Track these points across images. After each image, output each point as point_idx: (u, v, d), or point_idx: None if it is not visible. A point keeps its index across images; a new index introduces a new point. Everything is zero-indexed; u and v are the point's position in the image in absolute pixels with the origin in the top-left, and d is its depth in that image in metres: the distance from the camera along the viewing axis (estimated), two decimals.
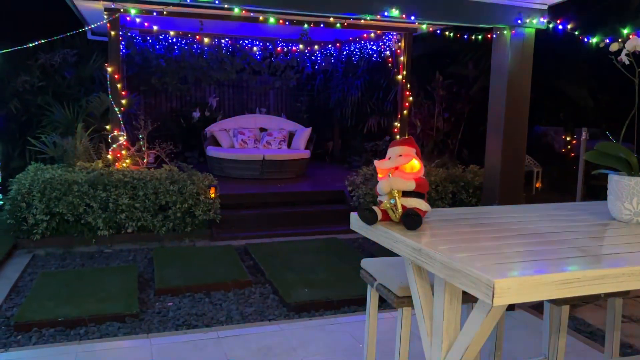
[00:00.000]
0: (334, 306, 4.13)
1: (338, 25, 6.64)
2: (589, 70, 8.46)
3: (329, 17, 4.97)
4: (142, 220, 5.81)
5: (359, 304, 4.10)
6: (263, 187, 7.52)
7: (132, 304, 3.95)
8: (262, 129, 9.42)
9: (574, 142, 9.59)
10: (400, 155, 1.90)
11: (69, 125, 7.38)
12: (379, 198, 1.95)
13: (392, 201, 1.86)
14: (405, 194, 1.87)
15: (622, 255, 1.63)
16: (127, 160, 6.53)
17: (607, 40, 4.11)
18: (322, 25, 6.80)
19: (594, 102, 8.62)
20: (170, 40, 8.85)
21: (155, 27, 7.81)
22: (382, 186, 1.87)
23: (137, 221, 5.80)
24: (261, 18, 5.51)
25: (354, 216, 2.03)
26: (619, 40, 2.17)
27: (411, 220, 1.79)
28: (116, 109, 6.50)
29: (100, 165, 6.22)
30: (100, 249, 5.61)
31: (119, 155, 6.46)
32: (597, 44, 4.17)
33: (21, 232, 5.55)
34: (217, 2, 3.60)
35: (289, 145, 9.03)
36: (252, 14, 4.82)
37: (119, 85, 6.50)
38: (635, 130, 2.09)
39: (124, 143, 6.58)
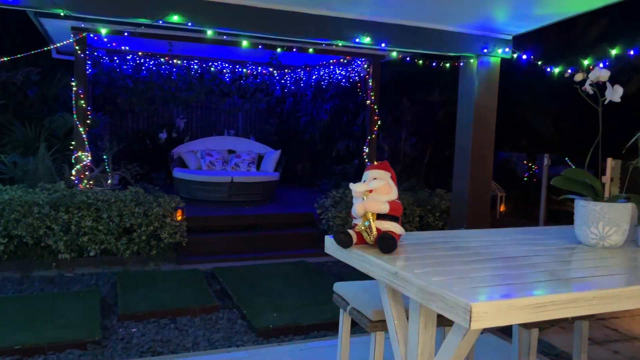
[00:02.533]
0: (303, 331, 4.08)
1: (311, 50, 6.72)
2: (549, 99, 8.78)
3: (302, 42, 5.03)
4: (105, 243, 5.65)
5: (329, 328, 4.06)
6: (231, 209, 7.43)
7: (94, 330, 3.81)
8: (231, 151, 9.37)
9: (536, 167, 9.87)
10: (375, 179, 1.91)
11: (30, 145, 7.17)
12: (354, 221, 1.95)
13: (367, 223, 1.86)
14: (380, 217, 1.88)
15: (591, 278, 1.67)
16: (91, 181, 6.36)
17: (570, 71, 4.29)
18: (294, 49, 6.86)
19: (554, 129, 8.93)
20: (138, 61, 8.78)
21: (123, 47, 7.72)
22: (357, 209, 1.88)
23: (100, 244, 5.63)
24: (234, 41, 5.52)
25: (328, 239, 2.02)
26: (581, 71, 2.26)
27: (386, 244, 1.79)
28: (81, 129, 6.36)
29: (62, 186, 6.05)
30: (60, 273, 5.40)
31: (82, 176, 6.29)
32: (560, 73, 4.34)
33: None
34: (190, 24, 3.59)
35: (257, 168, 8.99)
36: (225, 37, 4.83)
37: (83, 105, 6.38)
38: (600, 157, 2.17)
39: (88, 164, 6.43)
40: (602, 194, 2.12)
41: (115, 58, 8.65)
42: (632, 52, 3.89)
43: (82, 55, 6.35)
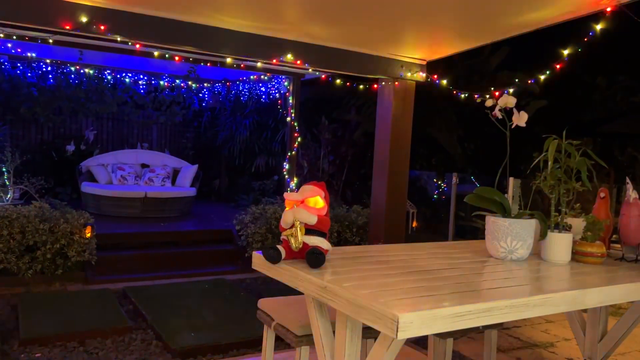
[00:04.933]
0: (222, 349, 4.00)
1: (234, 65, 6.69)
2: (457, 120, 9.35)
3: (226, 58, 5.00)
4: (4, 262, 5.23)
5: (249, 346, 4.02)
6: (144, 226, 7.16)
7: None
8: (144, 165, 9.04)
9: (445, 185, 10.42)
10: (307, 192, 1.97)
11: None
12: (283, 234, 1.98)
13: (294, 230, 1.90)
14: (308, 232, 1.92)
15: (502, 289, 1.80)
16: None
17: (476, 96, 4.60)
18: (218, 65, 6.80)
19: (461, 149, 9.51)
20: (44, 69, 8.28)
21: (28, 54, 7.26)
22: (286, 217, 1.92)
23: None
24: (156, 54, 5.38)
25: (256, 255, 2.02)
26: (487, 96, 2.45)
27: (315, 259, 1.83)
28: None
29: None
30: None
31: None
32: (467, 97, 4.65)
33: None
34: (108, 34, 3.47)
35: (173, 183, 8.75)
36: (146, 49, 4.70)
37: None
38: (507, 176, 2.35)
39: None
40: (510, 211, 2.30)
41: (19, 64, 8.10)
42: (531, 81, 4.27)
43: None
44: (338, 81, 6.60)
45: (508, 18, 3.54)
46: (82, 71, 8.27)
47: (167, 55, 5.48)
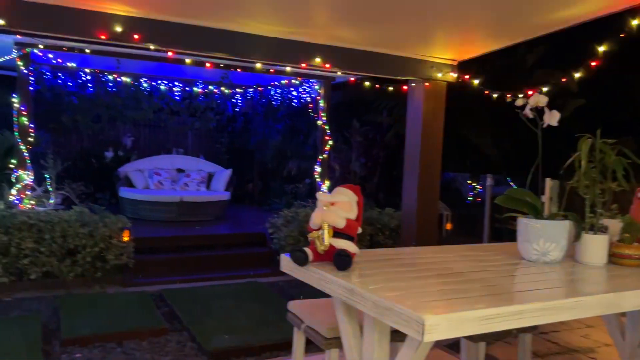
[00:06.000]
0: (255, 352, 4.04)
1: (263, 70, 6.77)
2: (492, 121, 9.18)
3: (256, 63, 5.07)
4: (47, 265, 5.42)
5: (281, 348, 4.04)
6: (180, 229, 7.30)
7: (36, 357, 3.63)
8: (180, 170, 9.22)
9: (480, 187, 10.25)
10: (342, 195, 1.97)
11: None
12: (310, 235, 1.98)
13: (321, 232, 1.90)
14: (336, 235, 1.92)
15: (534, 292, 1.76)
16: (33, 201, 6.11)
17: (509, 95, 4.52)
18: (248, 70, 6.89)
19: (497, 150, 9.33)
20: (84, 78, 8.56)
21: (69, 64, 7.52)
22: (315, 218, 1.93)
23: (42, 266, 5.39)
24: (188, 61, 5.50)
25: (284, 257, 2.04)
26: (520, 95, 2.41)
27: (342, 261, 1.84)
28: (22, 147, 6.12)
29: (2, 206, 5.77)
30: None
31: (23, 195, 6.03)
32: (499, 97, 4.57)
33: None
34: (142, 43, 3.57)
35: (208, 187, 8.89)
36: (178, 56, 4.81)
37: (26, 122, 6.15)
38: (540, 178, 2.30)
39: (30, 183, 6.17)
40: (543, 212, 2.24)
41: (60, 74, 8.40)
42: (565, 79, 4.17)
43: (25, 71, 6.14)
44: (367, 83, 6.59)
45: (541, 15, 3.46)
46: (119, 79, 8.50)
47: (198, 62, 5.59)
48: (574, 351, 4.27)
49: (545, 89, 4.23)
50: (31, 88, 6.61)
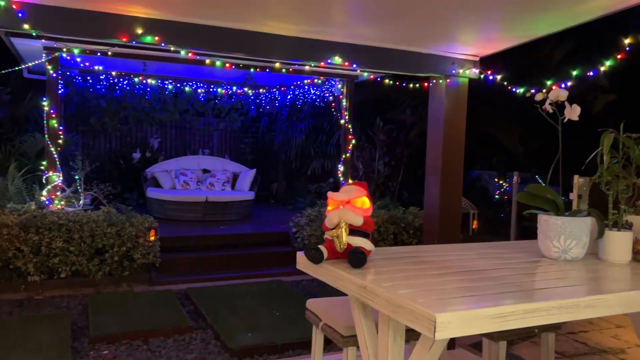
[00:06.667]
0: (278, 350, 4.07)
1: (283, 70, 6.80)
2: (518, 118, 9.02)
3: (275, 62, 5.09)
4: (76, 264, 5.56)
5: (304, 347, 4.06)
6: (205, 229, 7.39)
7: (65, 354, 3.73)
8: (205, 170, 9.34)
9: (507, 185, 10.08)
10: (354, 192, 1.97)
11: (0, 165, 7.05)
12: (326, 234, 1.99)
13: (339, 231, 1.90)
14: (352, 232, 1.92)
15: (552, 289, 1.73)
16: (63, 202, 6.27)
17: (533, 91, 4.43)
18: (267, 70, 6.94)
19: (524, 147, 9.17)
20: (111, 80, 8.74)
21: (96, 67, 7.69)
22: (332, 217, 1.93)
23: (72, 265, 5.53)
24: (207, 61, 5.56)
25: (300, 255, 2.05)
26: (543, 90, 2.35)
27: (356, 258, 1.83)
28: (52, 149, 6.29)
29: (33, 207, 5.94)
30: (30, 295, 5.28)
31: (53, 196, 6.20)
32: (524, 93, 4.48)
33: None
34: (162, 44, 3.62)
35: (232, 187, 8.98)
36: (198, 57, 4.87)
37: (55, 125, 6.31)
38: (561, 174, 2.26)
39: (60, 184, 6.34)
40: (564, 209, 2.20)
41: (88, 78, 8.60)
42: (590, 74, 4.06)
43: (54, 75, 6.30)
44: (387, 81, 6.55)
45: (566, 7, 3.38)
46: (145, 82, 8.66)
47: (217, 63, 5.65)
48: (604, 352, 4.17)
49: (570, 84, 4.12)
50: (60, 91, 6.79)
